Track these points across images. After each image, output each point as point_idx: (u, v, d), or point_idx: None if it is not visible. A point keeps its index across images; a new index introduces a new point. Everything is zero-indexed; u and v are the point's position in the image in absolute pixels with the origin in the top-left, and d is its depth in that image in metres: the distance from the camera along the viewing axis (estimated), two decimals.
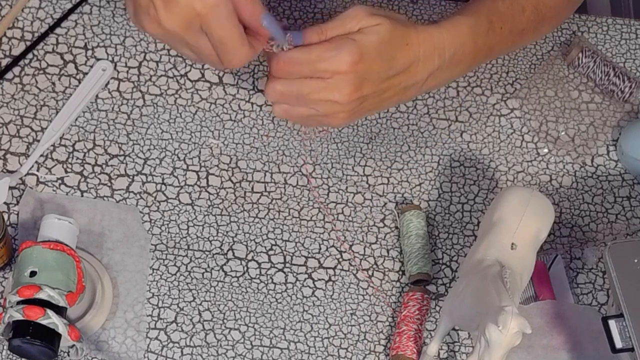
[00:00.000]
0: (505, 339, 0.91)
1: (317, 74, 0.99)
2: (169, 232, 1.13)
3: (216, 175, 1.16)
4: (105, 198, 1.14)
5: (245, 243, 1.13)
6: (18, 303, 1.02)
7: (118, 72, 1.20)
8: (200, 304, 1.10)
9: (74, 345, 1.03)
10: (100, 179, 1.15)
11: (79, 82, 1.19)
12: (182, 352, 1.08)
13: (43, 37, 1.20)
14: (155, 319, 1.09)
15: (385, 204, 1.17)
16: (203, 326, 1.09)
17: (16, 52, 1.20)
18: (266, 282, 1.12)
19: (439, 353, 1.10)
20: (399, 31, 1.01)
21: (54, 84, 1.19)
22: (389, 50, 1.00)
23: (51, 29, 1.21)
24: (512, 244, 1.02)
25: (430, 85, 1.05)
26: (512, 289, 0.98)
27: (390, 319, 1.11)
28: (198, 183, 1.16)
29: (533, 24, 1.10)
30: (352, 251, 1.14)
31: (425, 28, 1.03)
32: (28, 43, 1.20)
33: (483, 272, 1.00)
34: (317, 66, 0.99)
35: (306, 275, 1.13)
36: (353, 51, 0.98)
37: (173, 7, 0.93)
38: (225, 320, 1.10)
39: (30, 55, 1.20)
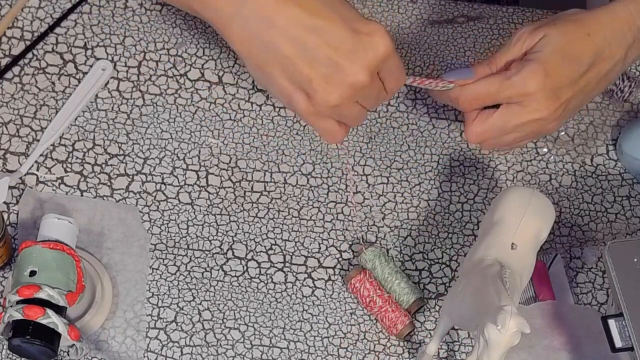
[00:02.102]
0: (504, 338, 0.91)
1: (509, 101, 1.02)
2: (169, 232, 1.13)
3: (216, 175, 1.16)
4: (105, 198, 1.14)
5: (245, 243, 1.13)
6: (18, 303, 1.02)
7: (118, 72, 1.20)
8: (200, 304, 1.10)
9: (74, 345, 1.04)
10: (100, 179, 1.15)
11: (79, 82, 1.19)
12: (182, 352, 1.08)
13: (43, 37, 1.20)
14: (155, 318, 1.09)
15: (385, 203, 1.17)
16: (203, 326, 1.09)
17: (16, 52, 1.20)
18: (266, 282, 1.12)
19: (438, 353, 1.10)
20: (572, 28, 1.01)
21: (54, 83, 1.19)
22: (570, 52, 1.01)
23: (51, 28, 1.21)
24: (513, 244, 1.02)
25: (632, 59, 1.05)
26: (511, 289, 0.98)
27: None
28: (198, 183, 1.16)
29: None
30: (352, 251, 1.14)
31: (605, 9, 1.03)
32: (28, 43, 1.20)
33: (483, 272, 1.00)
34: (505, 94, 1.01)
35: (306, 275, 1.13)
36: (535, 69, 1.00)
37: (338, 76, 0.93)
38: (225, 320, 1.10)
39: (30, 55, 1.20)
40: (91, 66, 1.20)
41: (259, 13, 0.93)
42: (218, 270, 1.12)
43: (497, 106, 1.05)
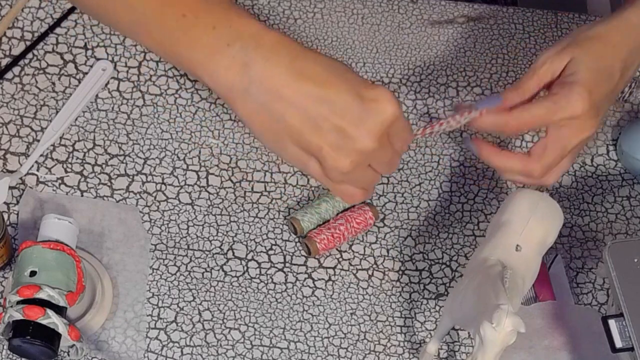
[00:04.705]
0: (499, 337, 0.91)
1: (556, 125, 1.03)
2: (169, 232, 1.13)
3: (216, 175, 1.16)
4: (105, 198, 1.14)
5: (245, 243, 1.13)
6: (18, 303, 1.02)
7: (118, 72, 1.20)
8: (200, 304, 1.10)
9: (74, 345, 1.04)
10: (100, 179, 1.15)
11: (79, 82, 1.19)
12: (182, 351, 1.08)
13: (43, 36, 1.20)
14: (155, 318, 1.09)
15: (385, 203, 1.17)
16: (203, 326, 1.09)
17: (16, 52, 1.20)
18: (266, 282, 1.12)
19: (438, 353, 1.10)
20: (596, 44, 1.04)
21: (54, 83, 1.19)
22: (602, 68, 1.04)
23: (51, 28, 1.21)
24: (517, 245, 1.02)
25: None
26: (511, 290, 0.98)
27: (390, 319, 1.11)
28: (198, 183, 1.16)
29: None
30: (352, 251, 1.14)
31: (619, 18, 1.05)
32: (28, 43, 1.20)
33: (485, 271, 1.00)
34: (554, 118, 1.02)
35: (306, 275, 1.13)
36: (581, 91, 1.02)
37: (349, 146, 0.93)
38: (225, 320, 1.10)
39: (30, 55, 1.20)
40: (91, 66, 1.20)
41: (265, 86, 0.93)
42: (218, 270, 1.12)
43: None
